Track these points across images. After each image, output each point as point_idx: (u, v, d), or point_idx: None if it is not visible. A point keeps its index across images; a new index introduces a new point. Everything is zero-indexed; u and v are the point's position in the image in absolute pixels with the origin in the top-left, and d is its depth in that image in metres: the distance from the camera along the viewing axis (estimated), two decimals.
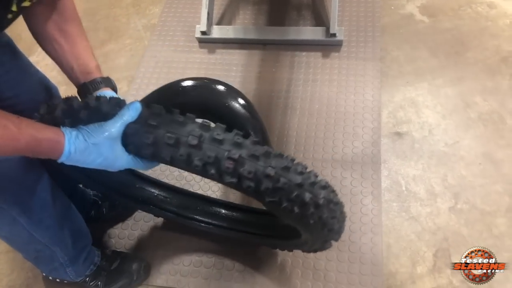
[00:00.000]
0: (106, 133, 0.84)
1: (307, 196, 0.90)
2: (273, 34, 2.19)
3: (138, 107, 0.88)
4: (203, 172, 0.86)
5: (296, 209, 0.90)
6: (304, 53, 2.14)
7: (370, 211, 1.60)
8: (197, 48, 2.23)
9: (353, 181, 1.68)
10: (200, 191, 1.70)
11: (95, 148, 0.83)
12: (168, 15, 2.39)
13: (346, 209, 1.58)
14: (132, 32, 2.32)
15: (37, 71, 1.20)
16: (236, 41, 2.20)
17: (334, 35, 2.09)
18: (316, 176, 0.94)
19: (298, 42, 2.16)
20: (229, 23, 2.32)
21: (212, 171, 0.84)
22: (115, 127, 0.85)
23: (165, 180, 1.75)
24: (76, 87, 1.05)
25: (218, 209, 1.49)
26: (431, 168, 1.71)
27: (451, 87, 1.95)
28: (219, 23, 2.32)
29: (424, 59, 2.07)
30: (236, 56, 2.17)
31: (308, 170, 0.93)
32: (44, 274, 1.50)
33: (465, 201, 1.61)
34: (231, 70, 2.12)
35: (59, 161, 0.83)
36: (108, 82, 1.06)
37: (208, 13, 2.17)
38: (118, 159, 0.87)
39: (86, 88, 1.03)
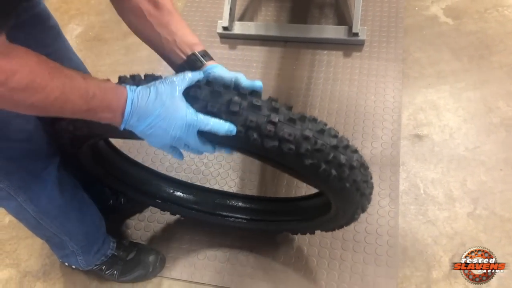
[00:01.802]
0: (167, 80, 0.82)
1: (343, 158, 0.92)
2: (294, 32, 2.18)
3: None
4: (245, 138, 0.86)
5: (333, 171, 0.92)
6: (325, 52, 2.13)
7: (387, 213, 1.59)
8: (218, 43, 2.23)
9: None
10: (216, 186, 1.71)
11: (157, 93, 0.80)
12: (190, 10, 2.40)
13: None
14: None
15: (76, 56, 1.22)
16: (257, 37, 2.20)
17: (356, 34, 2.07)
18: (348, 140, 0.97)
19: (320, 41, 2.14)
20: (251, 20, 2.32)
21: (254, 135, 0.85)
22: (176, 77, 0.83)
23: (181, 177, 1.77)
24: (175, 62, 0.99)
25: (240, 202, 1.51)
26: (450, 172, 1.69)
27: (473, 91, 1.92)
28: (241, 19, 2.32)
29: (446, 62, 2.04)
30: (257, 53, 2.17)
31: (340, 134, 0.95)
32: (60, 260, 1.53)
33: (484, 207, 1.59)
34: (251, 67, 2.12)
35: (125, 115, 0.79)
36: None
37: (231, 9, 2.17)
38: (179, 109, 0.80)
39: (195, 59, 0.96)
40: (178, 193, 1.51)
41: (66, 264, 1.49)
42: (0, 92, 0.67)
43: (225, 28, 2.19)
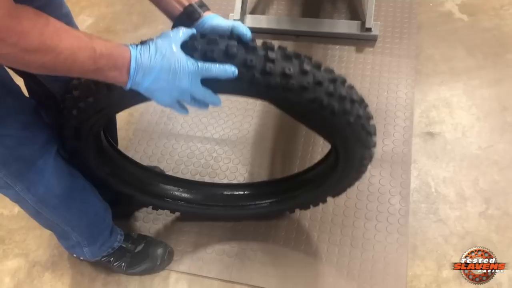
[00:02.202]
0: (163, 35, 0.84)
1: (343, 90, 0.96)
2: (306, 26, 2.16)
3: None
4: (248, 79, 0.88)
5: (336, 105, 0.94)
6: (337, 47, 2.11)
7: (397, 211, 1.57)
8: None
9: (381, 180, 1.65)
10: (225, 180, 1.71)
11: (156, 47, 0.82)
12: None
13: (373, 207, 1.59)
14: (165, 17, 2.31)
15: None
16: (269, 31, 2.18)
17: (369, 29, 2.05)
18: (345, 77, 1.00)
19: (332, 35, 2.12)
20: (263, 13, 2.30)
21: (256, 74, 0.88)
22: (171, 32, 0.85)
23: (191, 171, 1.77)
24: (172, 13, 0.99)
25: (248, 190, 1.53)
26: (462, 171, 1.67)
27: (487, 89, 1.89)
28: (252, 12, 2.30)
29: (460, 59, 2.01)
30: None
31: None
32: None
33: (497, 206, 1.57)
34: None
35: (130, 71, 0.80)
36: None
37: (243, 2, 2.15)
38: (180, 60, 0.82)
39: (192, 10, 0.97)
40: (186, 192, 1.52)
41: (74, 255, 1.50)
42: (12, 53, 0.69)
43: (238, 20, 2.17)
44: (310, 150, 1.77)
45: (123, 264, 1.48)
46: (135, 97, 0.90)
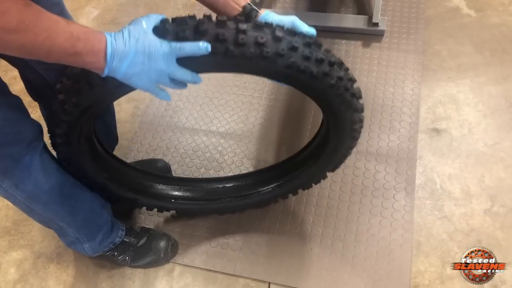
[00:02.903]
0: (135, 21, 0.85)
1: (319, 53, 0.95)
2: (313, 20, 2.14)
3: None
4: (223, 53, 0.89)
5: (314, 68, 0.95)
6: (344, 41, 2.10)
7: (402, 207, 1.57)
8: None
9: (386, 176, 1.65)
10: (231, 174, 1.71)
11: (129, 32, 0.83)
12: None
13: (378, 203, 1.58)
14: (172, 10, 2.31)
15: None
16: None
17: (376, 24, 2.04)
18: (319, 40, 0.99)
19: (339, 30, 2.11)
20: (269, 7, 2.29)
21: (230, 47, 0.88)
22: (142, 17, 0.86)
23: (196, 165, 1.77)
24: (231, 14, 1.02)
25: (244, 181, 1.54)
26: (468, 167, 1.66)
27: (494, 86, 1.88)
28: (259, 6, 2.29)
29: (468, 55, 2.00)
30: None
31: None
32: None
33: (502, 204, 1.56)
34: None
35: (107, 57, 0.81)
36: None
37: None
38: (153, 43, 0.83)
39: (250, 9, 1.02)
40: (190, 190, 1.53)
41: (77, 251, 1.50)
42: None
43: None
44: None
45: (127, 257, 1.48)
46: (117, 90, 0.93)
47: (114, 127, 1.58)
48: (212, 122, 1.89)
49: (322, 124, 1.33)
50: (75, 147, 1.16)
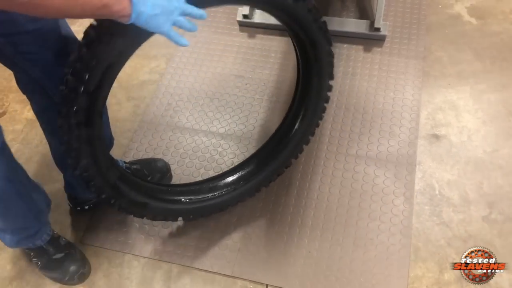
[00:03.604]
0: None
1: None
2: None
3: None
4: None
5: None
6: (345, 45, 2.10)
7: (401, 212, 1.58)
8: (237, 31, 2.21)
9: (386, 181, 1.65)
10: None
11: None
12: None
13: (377, 208, 1.59)
14: None
15: (64, 26, 1.19)
16: (277, 27, 2.17)
17: (378, 29, 2.04)
18: None
19: (340, 34, 2.12)
20: None
21: None
22: None
23: (195, 166, 1.76)
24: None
25: (244, 169, 1.60)
26: (467, 174, 1.67)
27: (494, 93, 1.89)
28: None
29: (468, 62, 2.01)
30: (276, 43, 2.15)
31: None
32: None
33: (500, 211, 1.57)
34: (269, 57, 2.10)
35: (133, 4, 0.87)
36: None
37: None
38: None
39: None
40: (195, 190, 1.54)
41: None
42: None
43: (245, 16, 2.16)
44: (315, 148, 1.76)
45: (39, 262, 1.48)
46: (136, 39, 1.03)
47: (107, 126, 1.56)
48: (213, 123, 1.89)
49: (300, 70, 1.49)
50: (95, 127, 1.12)
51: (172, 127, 1.88)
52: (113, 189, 1.28)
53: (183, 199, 1.49)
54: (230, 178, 1.59)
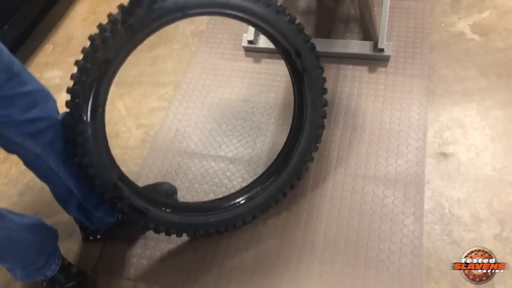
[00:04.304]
0: None
1: None
2: (319, 46, 2.14)
3: None
4: None
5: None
6: (350, 67, 2.13)
7: (411, 233, 1.57)
8: (243, 56, 2.25)
9: (395, 200, 1.65)
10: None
11: None
12: (216, 23, 2.43)
13: (387, 228, 1.58)
14: (180, 37, 2.36)
15: (35, 85, 1.23)
16: None
17: (382, 50, 2.06)
18: None
19: (345, 55, 2.14)
20: None
21: None
22: None
23: (204, 190, 1.78)
24: None
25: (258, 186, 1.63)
26: (476, 192, 1.66)
27: (501, 110, 1.89)
28: None
29: (473, 79, 2.02)
30: (281, 67, 2.17)
31: None
32: None
33: None
34: (275, 80, 2.13)
35: None
36: None
37: None
38: None
39: None
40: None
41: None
42: None
43: (250, 42, 2.21)
44: (323, 169, 1.77)
45: None
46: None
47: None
48: (221, 147, 1.91)
49: (294, 89, 1.57)
50: (97, 121, 1.23)
51: (181, 152, 1.91)
52: (114, 189, 1.34)
53: (186, 212, 1.53)
54: (236, 197, 1.62)
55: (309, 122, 1.56)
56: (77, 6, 2.73)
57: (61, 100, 1.24)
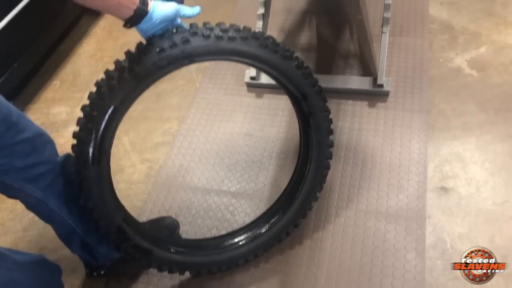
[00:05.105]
0: None
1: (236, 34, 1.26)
2: (320, 82, 2.21)
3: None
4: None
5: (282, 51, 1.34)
6: (350, 102, 2.17)
7: (413, 268, 1.57)
8: (246, 92, 2.30)
9: (396, 235, 1.66)
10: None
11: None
12: None
13: (389, 263, 1.59)
14: (184, 73, 2.42)
15: (33, 131, 1.27)
16: None
17: (381, 85, 2.11)
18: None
19: (345, 91, 2.19)
20: None
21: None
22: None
23: (207, 225, 1.80)
24: (127, 15, 1.11)
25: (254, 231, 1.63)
26: (478, 226, 1.67)
27: (500, 144, 1.92)
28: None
29: (472, 114, 2.05)
30: (283, 101, 2.22)
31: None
32: None
33: None
34: (277, 115, 2.17)
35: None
36: None
37: None
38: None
39: (142, 8, 1.11)
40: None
41: None
42: None
43: (252, 78, 2.26)
44: (325, 204, 1.79)
45: None
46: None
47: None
48: (224, 182, 1.94)
49: (300, 131, 1.58)
50: (103, 166, 1.25)
51: (184, 187, 1.93)
52: (119, 231, 1.36)
53: (188, 251, 1.54)
54: (239, 236, 1.62)
55: (314, 163, 1.56)
56: (84, 43, 2.81)
57: (67, 135, 1.30)
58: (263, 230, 1.61)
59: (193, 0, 3.04)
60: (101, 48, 2.76)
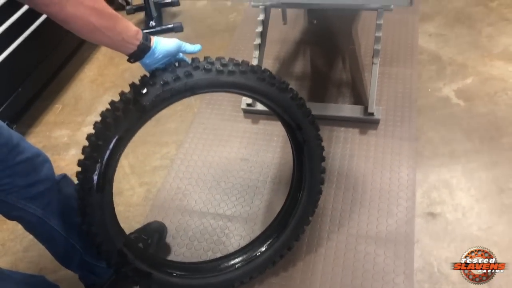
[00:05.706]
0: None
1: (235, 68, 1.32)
2: (313, 110, 2.24)
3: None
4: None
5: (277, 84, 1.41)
6: (342, 129, 2.26)
7: None
8: (242, 117, 2.39)
9: (386, 259, 1.72)
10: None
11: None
12: None
13: (378, 286, 1.64)
14: (183, 99, 2.50)
15: (32, 151, 1.34)
16: None
17: (372, 114, 2.20)
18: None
19: (337, 118, 2.28)
20: None
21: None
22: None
23: (203, 247, 1.85)
24: (131, 50, 1.18)
25: (254, 250, 1.69)
26: (464, 251, 1.74)
27: (485, 171, 2.00)
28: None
29: (458, 142, 2.14)
30: (278, 127, 2.29)
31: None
32: None
33: None
34: (272, 140, 2.25)
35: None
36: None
37: None
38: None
39: (145, 44, 1.19)
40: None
41: None
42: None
43: (248, 105, 2.35)
44: (317, 228, 1.86)
45: None
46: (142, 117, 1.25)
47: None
48: (219, 205, 2.00)
49: (294, 158, 1.65)
50: (106, 193, 1.30)
51: (181, 210, 1.99)
52: (119, 255, 1.41)
53: (186, 274, 1.59)
54: (234, 259, 1.68)
55: (307, 189, 1.63)
56: (85, 68, 2.90)
57: (69, 158, 1.36)
58: (258, 253, 1.66)
59: (191, 28, 3.17)
60: (102, 74, 2.85)
